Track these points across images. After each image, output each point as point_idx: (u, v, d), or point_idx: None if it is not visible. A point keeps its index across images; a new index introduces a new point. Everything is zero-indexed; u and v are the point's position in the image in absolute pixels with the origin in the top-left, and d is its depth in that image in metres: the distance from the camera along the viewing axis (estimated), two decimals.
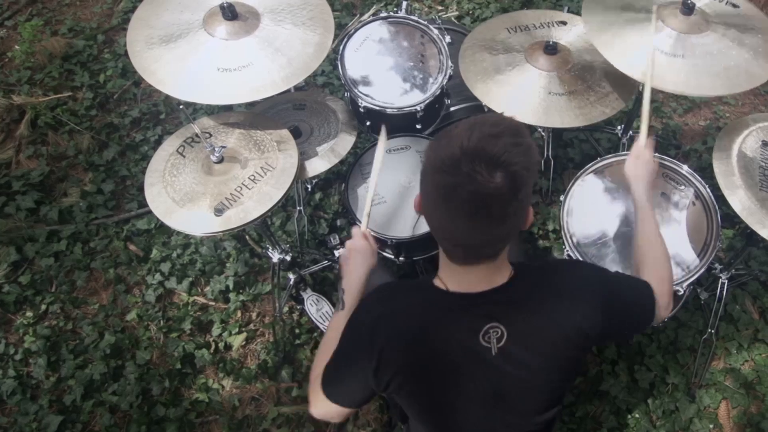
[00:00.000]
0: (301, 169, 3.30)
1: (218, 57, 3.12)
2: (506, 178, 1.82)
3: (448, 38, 3.83)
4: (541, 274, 2.29)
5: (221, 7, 3.14)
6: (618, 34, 3.26)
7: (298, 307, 4.11)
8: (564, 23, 3.89)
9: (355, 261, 2.75)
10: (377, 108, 3.66)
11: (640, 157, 2.96)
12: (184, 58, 3.10)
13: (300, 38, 3.25)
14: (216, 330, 4.10)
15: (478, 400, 2.22)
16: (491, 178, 1.80)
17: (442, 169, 1.88)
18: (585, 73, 3.57)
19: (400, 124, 3.82)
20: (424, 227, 3.47)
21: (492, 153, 1.81)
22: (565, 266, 2.55)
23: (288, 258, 3.79)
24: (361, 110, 3.73)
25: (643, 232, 2.72)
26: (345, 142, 3.56)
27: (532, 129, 4.16)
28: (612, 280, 2.41)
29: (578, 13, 3.64)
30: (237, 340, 4.05)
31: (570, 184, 3.35)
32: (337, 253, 3.85)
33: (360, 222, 3.13)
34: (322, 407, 2.39)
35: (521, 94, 3.45)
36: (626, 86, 3.52)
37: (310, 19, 3.35)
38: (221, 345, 4.06)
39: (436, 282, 2.23)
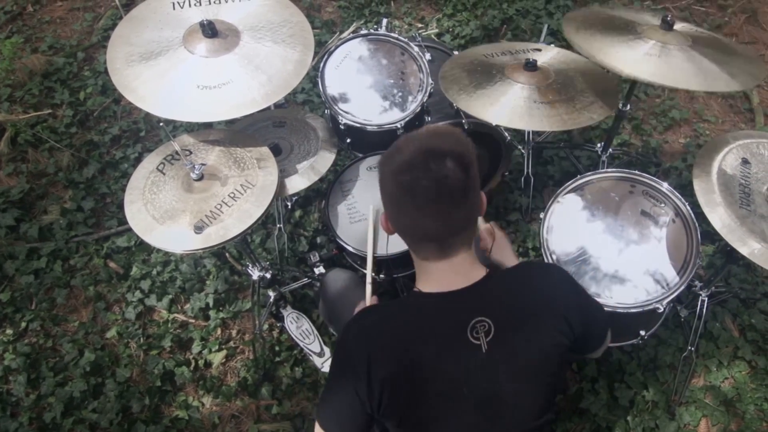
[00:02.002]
0: (281, 186, 3.31)
1: (198, 74, 3.13)
2: (455, 161, 2.10)
3: (428, 56, 3.85)
4: (514, 272, 2.41)
5: (201, 24, 3.14)
6: (603, 49, 3.28)
7: (278, 325, 4.10)
8: (538, 50, 3.92)
9: None
10: (357, 125, 3.68)
11: (496, 233, 3.15)
12: (163, 76, 3.11)
13: (280, 56, 3.26)
14: (196, 347, 4.09)
15: (473, 403, 2.22)
16: (443, 165, 2.08)
17: (400, 171, 2.13)
18: (567, 87, 3.58)
19: (381, 141, 3.81)
20: (400, 245, 3.48)
21: (437, 147, 2.13)
22: (538, 265, 2.76)
23: (268, 275, 3.78)
24: (342, 127, 3.74)
25: None
26: (325, 160, 3.56)
27: (511, 147, 4.18)
28: (580, 287, 2.48)
29: (557, 32, 3.66)
30: (217, 358, 4.04)
31: (550, 202, 3.36)
32: (317, 270, 3.85)
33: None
34: None
35: (505, 103, 3.46)
36: (609, 96, 3.53)
37: (290, 37, 3.36)
38: (201, 362, 4.05)
39: (416, 289, 2.28)
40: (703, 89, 3.17)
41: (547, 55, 3.85)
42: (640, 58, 3.19)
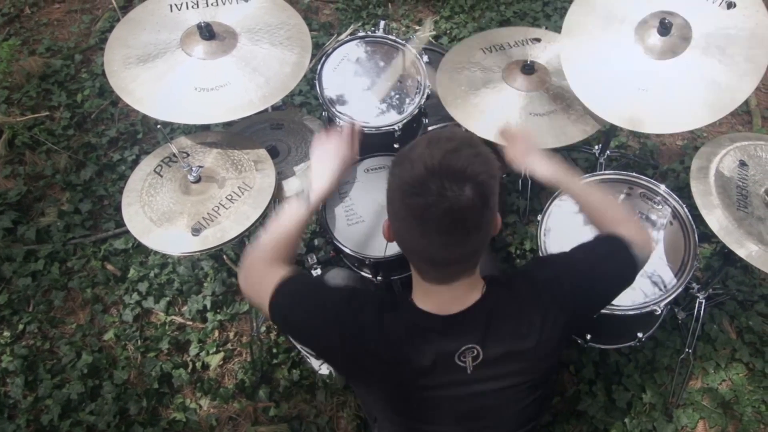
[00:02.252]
0: (278, 188, 3.30)
1: (196, 77, 3.14)
2: (475, 189, 1.84)
3: (425, 58, 3.84)
4: (510, 286, 2.25)
5: (199, 26, 3.15)
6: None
7: (275, 327, 4.09)
8: (538, 40, 3.90)
9: (329, 162, 2.73)
10: None
11: (512, 136, 2.89)
12: (161, 78, 3.12)
13: (277, 58, 3.29)
14: (193, 349, 4.09)
15: (453, 419, 2.22)
16: (461, 193, 1.82)
17: (411, 192, 1.88)
18: (564, 92, 3.58)
19: (378, 143, 3.81)
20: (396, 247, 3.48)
21: (457, 167, 1.84)
22: (530, 272, 2.47)
23: None
24: (339, 130, 3.73)
25: (575, 191, 2.69)
26: None
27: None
28: (575, 262, 2.37)
29: (557, 33, 3.66)
30: (214, 360, 4.04)
31: (547, 204, 3.37)
32: (314, 272, 3.84)
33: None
34: (257, 274, 2.41)
35: (501, 116, 3.46)
36: None
37: (287, 39, 3.37)
38: (199, 365, 4.05)
39: (411, 299, 2.22)
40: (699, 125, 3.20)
41: (547, 49, 3.87)
42: (629, 96, 3.23)
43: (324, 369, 3.91)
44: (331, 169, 2.70)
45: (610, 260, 2.34)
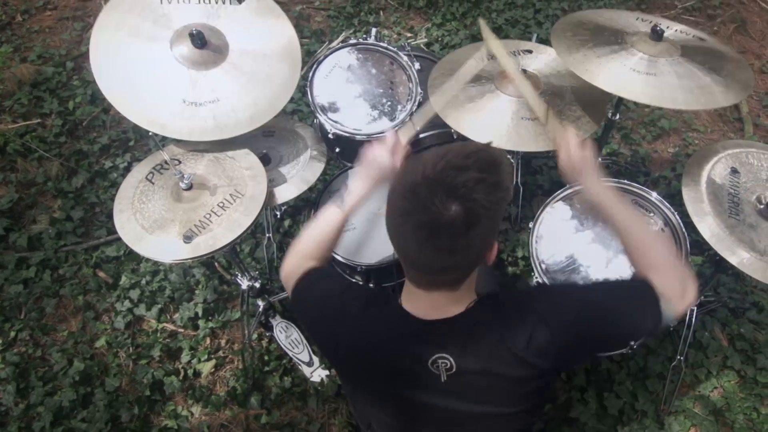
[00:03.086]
0: (270, 196, 3.30)
1: (185, 89, 3.13)
2: (461, 211, 1.83)
3: (417, 65, 3.86)
4: (500, 309, 2.21)
5: (191, 34, 3.14)
6: (589, 67, 3.27)
7: (267, 334, 4.10)
8: (530, 51, 3.91)
9: (369, 170, 2.75)
10: (346, 135, 3.68)
11: (571, 146, 2.79)
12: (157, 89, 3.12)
13: (267, 74, 3.28)
14: (185, 357, 4.09)
15: (430, 420, 2.24)
16: (444, 209, 1.82)
17: (402, 193, 1.91)
18: (555, 99, 3.58)
19: None
20: (386, 253, 3.52)
21: (451, 184, 1.83)
22: (526, 299, 2.39)
23: (257, 285, 3.79)
24: (330, 137, 3.73)
25: (618, 221, 2.48)
26: (314, 169, 3.56)
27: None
28: (592, 298, 2.28)
29: (547, 41, 3.66)
30: (206, 367, 4.03)
31: (539, 211, 3.37)
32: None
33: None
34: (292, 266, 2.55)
35: (493, 120, 3.46)
36: (597, 110, 3.52)
37: (277, 54, 3.37)
38: (190, 372, 4.04)
39: (399, 300, 2.24)
40: (691, 108, 3.14)
41: (538, 59, 3.86)
42: (627, 76, 3.18)
43: (315, 376, 3.92)
44: (368, 176, 2.73)
45: (632, 308, 2.23)
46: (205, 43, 3.18)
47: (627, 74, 3.17)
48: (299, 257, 2.58)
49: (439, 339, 2.12)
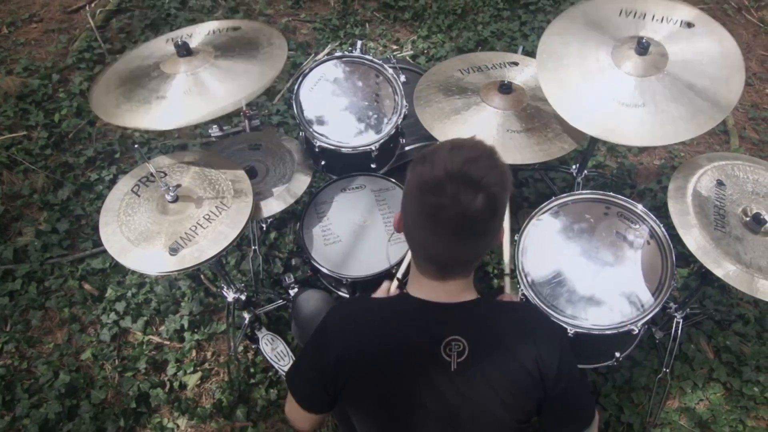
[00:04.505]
0: (256, 208, 3.31)
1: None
2: (486, 199, 2.01)
3: (402, 78, 3.86)
4: (504, 306, 2.39)
5: (176, 45, 3.14)
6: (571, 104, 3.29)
7: (253, 347, 4.08)
8: (516, 64, 3.92)
9: None
10: (332, 147, 3.67)
11: None
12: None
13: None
14: (171, 369, 4.07)
15: (433, 417, 2.23)
16: (474, 200, 1.99)
17: (427, 190, 2.02)
18: (540, 112, 3.60)
19: (355, 163, 3.83)
20: (376, 267, 3.52)
21: (474, 176, 2.00)
22: (534, 311, 2.62)
23: (243, 297, 3.78)
24: (316, 150, 3.73)
25: None
26: (300, 182, 3.57)
27: None
28: (567, 354, 2.33)
29: (532, 54, 3.67)
30: (192, 380, 4.02)
31: (525, 224, 3.37)
32: (291, 292, 3.84)
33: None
34: (288, 404, 2.48)
35: (478, 132, 3.45)
36: None
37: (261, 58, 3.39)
38: (176, 384, 4.03)
39: (405, 291, 2.31)
40: (693, 135, 3.19)
41: (524, 72, 3.88)
42: (611, 110, 3.24)
43: None
44: None
45: (584, 388, 2.60)
46: (189, 52, 3.17)
47: (612, 109, 3.22)
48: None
49: (453, 320, 2.21)
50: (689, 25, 3.42)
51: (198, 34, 3.60)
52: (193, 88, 3.22)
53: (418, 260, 2.26)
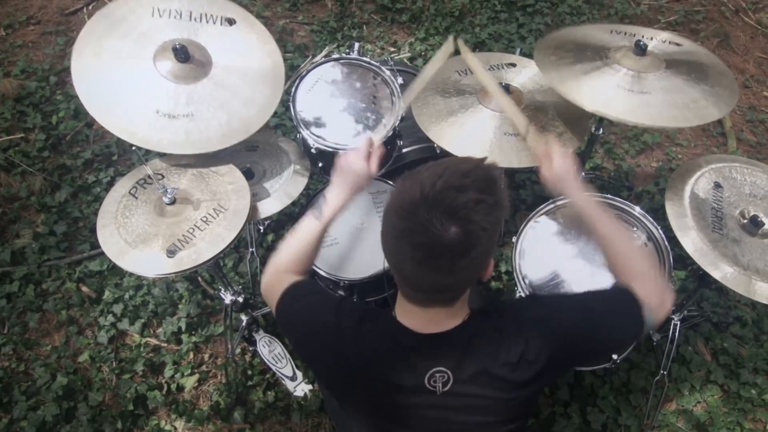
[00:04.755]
0: (253, 210, 3.30)
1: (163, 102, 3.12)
2: (461, 233, 1.82)
3: (400, 79, 3.84)
4: (494, 317, 2.23)
5: (174, 48, 3.13)
6: (574, 86, 3.29)
7: (251, 349, 4.09)
8: (513, 65, 3.92)
9: (345, 178, 2.78)
10: (329, 149, 3.66)
11: (554, 157, 2.81)
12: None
13: (244, 97, 3.28)
14: (168, 371, 4.07)
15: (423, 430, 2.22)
16: (444, 231, 1.81)
17: (399, 212, 1.89)
18: (538, 114, 3.59)
19: None
20: (370, 270, 3.51)
21: (452, 206, 1.81)
22: (518, 308, 2.43)
23: (240, 299, 3.78)
24: (313, 151, 3.72)
25: (601, 231, 2.54)
26: (297, 184, 3.55)
27: None
28: (580, 306, 2.32)
29: (530, 56, 3.67)
30: (189, 382, 4.02)
31: (522, 226, 3.37)
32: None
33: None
34: (273, 281, 2.53)
35: (475, 135, 3.46)
36: (580, 125, 3.55)
37: (260, 78, 3.37)
38: (174, 386, 4.03)
39: (393, 314, 2.22)
40: (675, 125, 3.16)
41: (522, 73, 3.88)
42: (611, 93, 3.22)
43: (299, 391, 3.91)
44: (345, 184, 2.76)
45: (618, 315, 2.29)
46: (188, 58, 3.17)
47: (611, 91, 3.19)
48: (279, 271, 2.58)
49: (436, 352, 2.12)
50: (678, 44, 3.47)
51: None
52: None
53: (397, 281, 2.13)
